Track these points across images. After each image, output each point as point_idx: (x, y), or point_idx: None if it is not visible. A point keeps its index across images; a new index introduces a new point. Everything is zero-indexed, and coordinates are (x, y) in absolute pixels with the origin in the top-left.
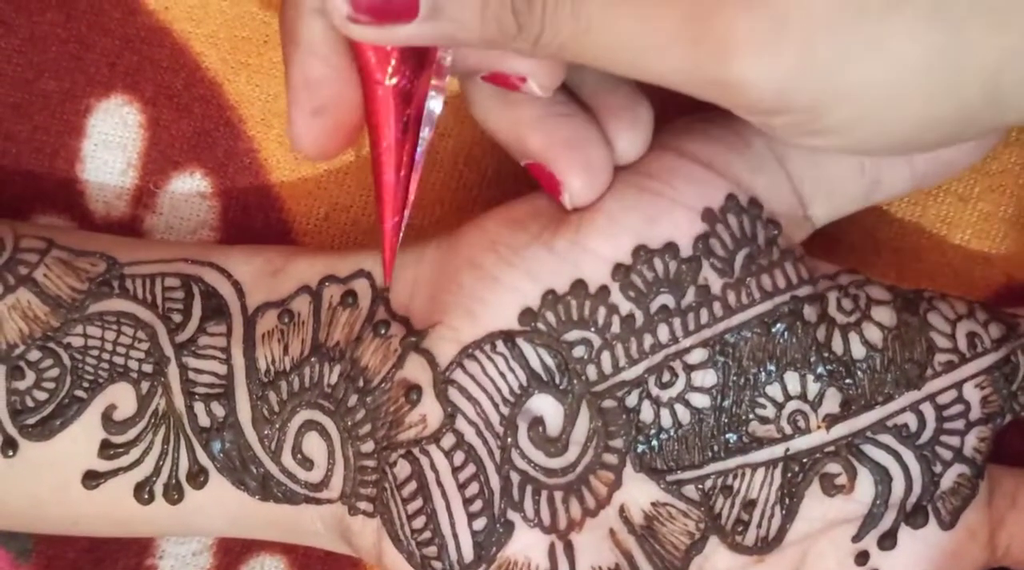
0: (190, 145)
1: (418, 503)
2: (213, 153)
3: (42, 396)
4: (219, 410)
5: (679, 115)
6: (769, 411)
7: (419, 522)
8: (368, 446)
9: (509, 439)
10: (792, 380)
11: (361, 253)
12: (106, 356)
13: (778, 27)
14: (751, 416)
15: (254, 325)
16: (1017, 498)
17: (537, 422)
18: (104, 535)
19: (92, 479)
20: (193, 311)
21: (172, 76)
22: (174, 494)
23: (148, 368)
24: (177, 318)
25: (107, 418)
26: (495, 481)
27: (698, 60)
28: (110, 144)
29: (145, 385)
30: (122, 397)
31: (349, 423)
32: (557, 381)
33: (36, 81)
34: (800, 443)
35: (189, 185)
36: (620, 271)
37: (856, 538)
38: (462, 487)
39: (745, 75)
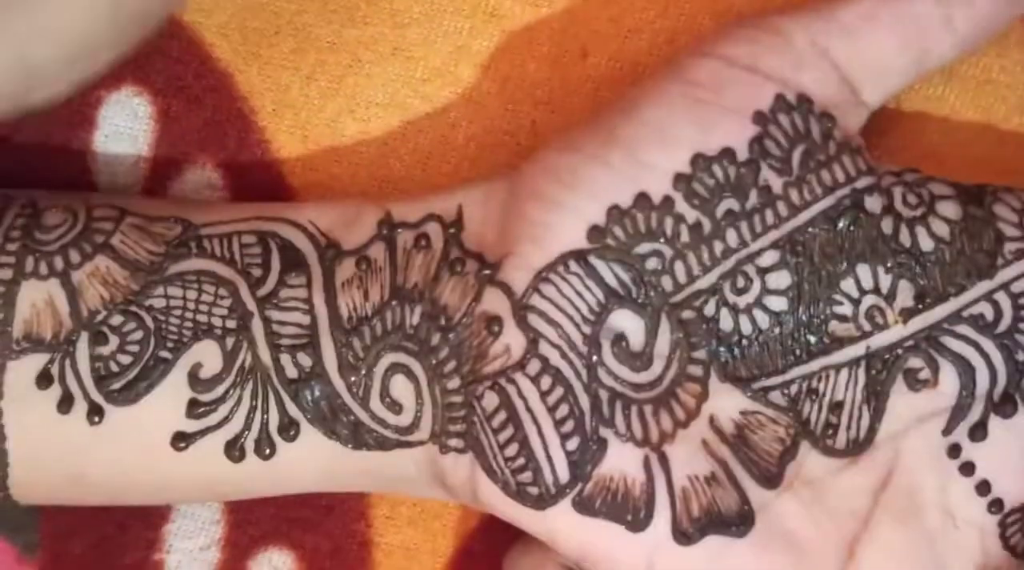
0: (200, 137)
1: (509, 432)
2: (224, 144)
3: (126, 360)
4: (306, 360)
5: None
6: (846, 308)
7: (511, 450)
8: (454, 382)
9: (594, 357)
10: (864, 273)
11: (429, 198)
12: (189, 315)
13: None
14: (829, 315)
15: (333, 274)
16: None
17: (620, 338)
18: (190, 500)
19: (181, 440)
20: (272, 265)
21: (182, 67)
22: (266, 449)
23: (232, 324)
24: (257, 273)
25: (193, 377)
26: (584, 400)
27: None
28: (120, 136)
29: (230, 341)
30: (207, 355)
31: (434, 362)
32: (634, 295)
33: None
34: (880, 340)
35: (200, 177)
36: (682, 180)
37: (946, 431)
38: (552, 410)
39: None
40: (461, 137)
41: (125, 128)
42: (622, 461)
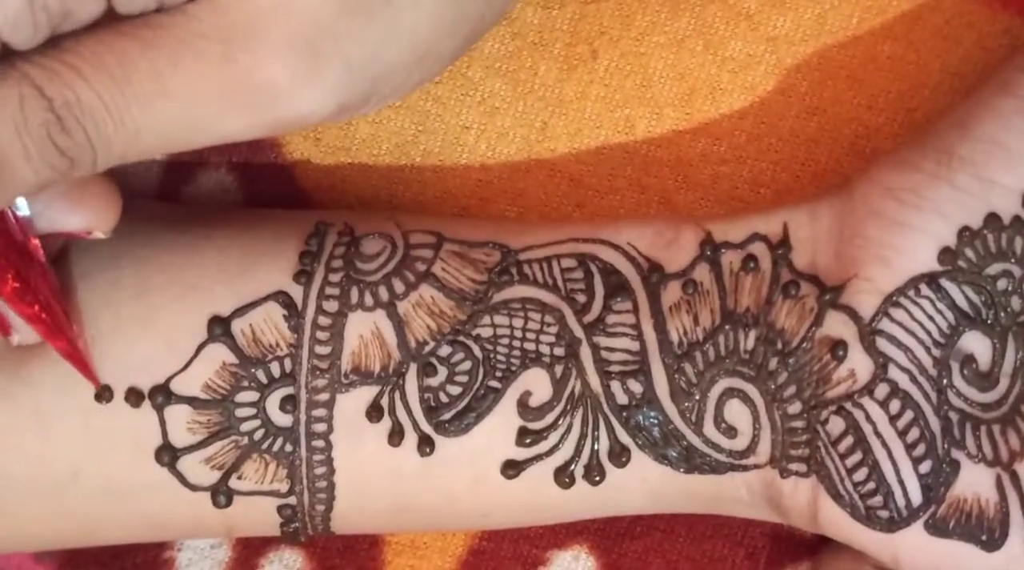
0: None
1: (857, 456)
2: (237, 148)
3: (455, 391)
4: (636, 387)
5: None
6: None
7: (860, 474)
8: (795, 407)
9: (944, 380)
10: None
11: (751, 217)
12: (516, 343)
13: (309, 53)
14: None
15: (659, 298)
16: None
17: (969, 359)
18: (511, 525)
19: (511, 469)
20: (596, 290)
21: None
22: (595, 475)
23: (560, 351)
24: (581, 298)
25: (523, 405)
26: (935, 423)
27: (259, 116)
28: None
29: (559, 368)
30: (536, 383)
31: (772, 387)
32: (984, 316)
33: None
34: None
35: (214, 180)
36: None
37: None
38: (902, 434)
39: (308, 107)
40: (473, 139)
41: None
42: (975, 482)
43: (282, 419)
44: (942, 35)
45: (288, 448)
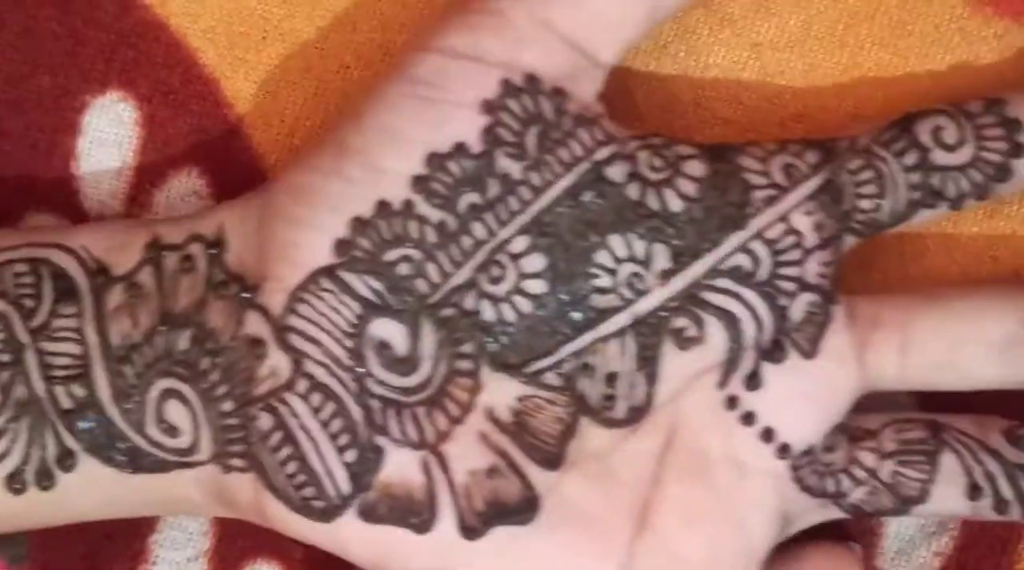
0: (186, 143)
1: (287, 450)
2: (210, 151)
3: None
4: (79, 391)
5: None
6: (604, 280)
7: (292, 467)
8: (228, 405)
9: (360, 369)
10: (616, 242)
11: (194, 218)
12: None
13: None
14: (589, 289)
15: (104, 302)
16: (878, 318)
17: (383, 346)
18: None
19: None
20: (44, 295)
21: (168, 72)
22: (45, 481)
23: (6, 357)
24: (29, 304)
25: None
26: (356, 412)
27: None
28: (105, 142)
29: (5, 375)
30: None
31: (205, 386)
32: (390, 302)
33: (30, 77)
34: (643, 305)
35: (185, 184)
36: (419, 182)
37: (721, 384)
38: (325, 426)
39: None
40: None
41: (110, 134)
42: (400, 466)
43: None
44: (931, 41)
45: None
